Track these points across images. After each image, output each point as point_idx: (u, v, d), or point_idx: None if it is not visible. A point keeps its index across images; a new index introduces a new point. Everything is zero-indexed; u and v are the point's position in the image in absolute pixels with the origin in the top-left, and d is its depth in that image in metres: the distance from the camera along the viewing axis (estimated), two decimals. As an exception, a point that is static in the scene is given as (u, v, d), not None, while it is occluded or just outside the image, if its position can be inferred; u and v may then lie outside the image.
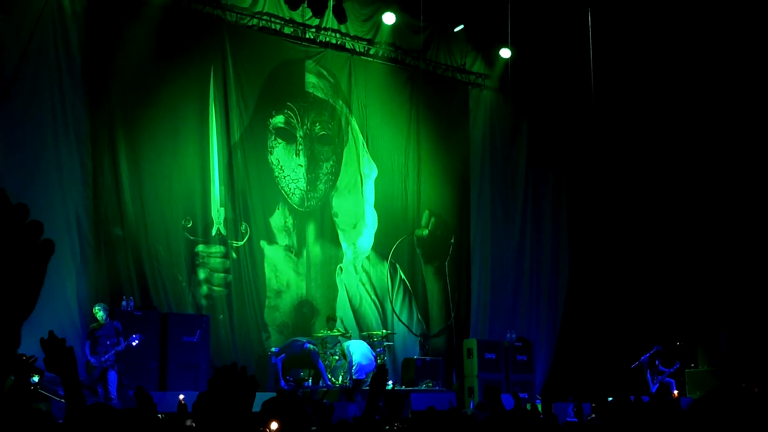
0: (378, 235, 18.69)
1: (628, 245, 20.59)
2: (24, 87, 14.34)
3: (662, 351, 17.88)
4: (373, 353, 16.18)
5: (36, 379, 11.75)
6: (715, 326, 19.45)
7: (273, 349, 15.94)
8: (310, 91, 18.16)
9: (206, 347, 14.82)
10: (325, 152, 18.25)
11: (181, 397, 11.26)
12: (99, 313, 13.28)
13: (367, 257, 18.55)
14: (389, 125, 19.24)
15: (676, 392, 17.22)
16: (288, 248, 17.43)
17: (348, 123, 18.66)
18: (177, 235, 15.93)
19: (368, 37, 18.78)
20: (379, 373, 4.29)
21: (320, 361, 15.50)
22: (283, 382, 15.07)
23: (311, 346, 15.51)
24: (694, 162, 20.25)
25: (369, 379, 14.59)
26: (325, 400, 14.03)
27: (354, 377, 15.56)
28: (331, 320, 16.85)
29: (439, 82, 19.90)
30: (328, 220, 18.12)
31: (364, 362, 15.66)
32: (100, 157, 15.17)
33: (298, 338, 16.04)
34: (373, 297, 18.45)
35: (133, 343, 13.26)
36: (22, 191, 12.78)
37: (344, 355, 15.94)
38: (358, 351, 15.86)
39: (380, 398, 4.33)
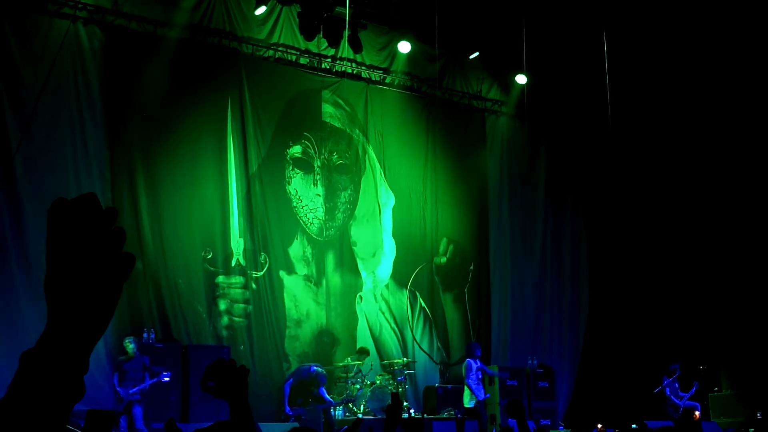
0: (397, 264, 18.66)
1: (649, 269, 20.47)
2: (44, 124, 14.47)
3: (680, 375, 17.67)
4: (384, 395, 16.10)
5: None
6: (738, 349, 19.27)
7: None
8: (327, 120, 18.22)
9: (227, 378, 14.79)
10: (342, 181, 18.29)
11: None
12: (130, 345, 13.29)
13: (386, 286, 18.52)
14: (406, 153, 19.27)
15: (698, 413, 16.96)
16: (307, 278, 17.43)
17: (365, 152, 18.70)
18: (197, 266, 15.97)
19: (384, 66, 18.85)
20: (394, 403, 4.28)
21: (323, 387, 15.32)
22: (288, 409, 15.09)
23: (318, 369, 15.45)
24: (714, 185, 20.13)
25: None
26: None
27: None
28: (363, 353, 16.73)
29: (456, 110, 19.92)
30: (347, 249, 18.12)
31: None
32: (119, 191, 15.27)
33: (305, 363, 16.02)
34: (393, 325, 18.40)
35: (165, 379, 13.29)
36: (44, 227, 12.82)
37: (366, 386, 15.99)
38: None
39: (396, 428, 4.32)
